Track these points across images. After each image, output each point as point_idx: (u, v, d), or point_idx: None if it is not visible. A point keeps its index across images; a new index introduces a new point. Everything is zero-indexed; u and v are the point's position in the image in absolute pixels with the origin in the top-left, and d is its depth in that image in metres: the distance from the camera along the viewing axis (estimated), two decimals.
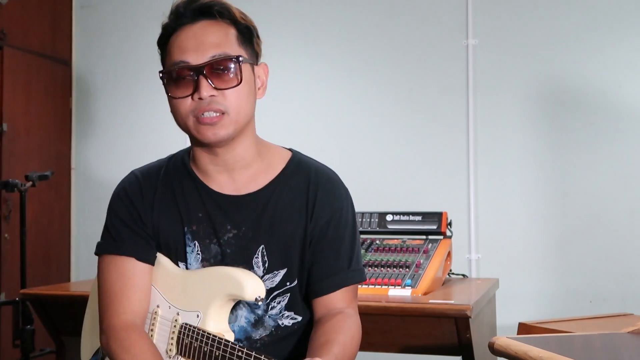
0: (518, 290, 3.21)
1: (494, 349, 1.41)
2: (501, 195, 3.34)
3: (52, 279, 3.85)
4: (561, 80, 3.29)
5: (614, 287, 3.15)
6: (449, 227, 2.59)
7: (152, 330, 1.44)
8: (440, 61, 3.46)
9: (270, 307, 1.45)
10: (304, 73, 3.64)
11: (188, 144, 1.53)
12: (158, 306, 1.46)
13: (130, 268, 1.44)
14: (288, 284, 1.44)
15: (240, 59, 1.36)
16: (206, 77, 1.34)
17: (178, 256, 1.47)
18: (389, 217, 2.60)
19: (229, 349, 1.30)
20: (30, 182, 3.07)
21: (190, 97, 1.36)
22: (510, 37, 3.36)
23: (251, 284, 1.35)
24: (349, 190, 1.55)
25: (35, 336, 2.81)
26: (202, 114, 1.35)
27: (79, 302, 2.31)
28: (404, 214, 2.61)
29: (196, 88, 1.35)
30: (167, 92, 1.40)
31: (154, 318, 1.45)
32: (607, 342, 1.50)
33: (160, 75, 1.39)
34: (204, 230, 1.45)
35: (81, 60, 4.14)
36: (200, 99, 1.35)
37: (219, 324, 1.39)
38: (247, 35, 1.41)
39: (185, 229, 1.45)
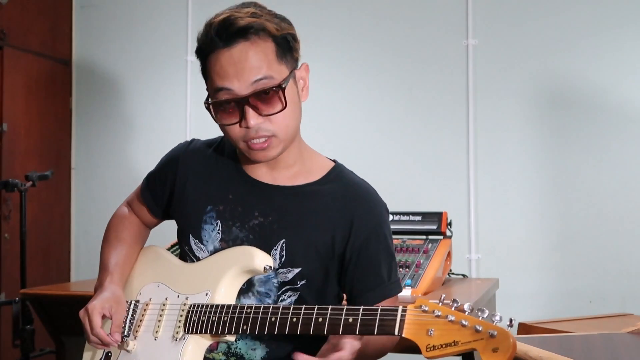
0: (518, 290, 3.20)
1: None
2: (501, 195, 3.33)
3: (52, 279, 3.84)
4: (561, 80, 3.29)
5: (614, 287, 3.15)
6: (449, 227, 2.59)
7: (159, 320, 1.45)
8: (440, 61, 3.45)
9: (280, 299, 1.47)
10: None
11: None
12: (166, 298, 1.48)
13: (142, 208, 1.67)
14: (299, 282, 1.46)
15: (283, 85, 1.36)
16: (252, 107, 1.36)
17: (193, 232, 1.52)
18: None
19: (237, 311, 1.34)
20: (30, 182, 3.07)
21: (238, 124, 1.38)
22: (510, 37, 3.36)
23: (260, 255, 1.41)
24: None
25: (35, 336, 2.81)
26: (252, 141, 1.39)
27: (79, 302, 2.30)
28: (404, 214, 2.61)
29: (242, 116, 1.37)
30: (214, 118, 1.41)
31: (162, 309, 1.47)
32: (607, 342, 1.50)
33: (206, 105, 1.40)
34: (230, 212, 1.49)
35: (81, 60, 4.13)
36: (247, 127, 1.37)
37: (227, 298, 1.41)
38: (286, 45, 1.40)
39: (210, 207, 1.50)
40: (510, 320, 1.11)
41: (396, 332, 1.17)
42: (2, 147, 3.61)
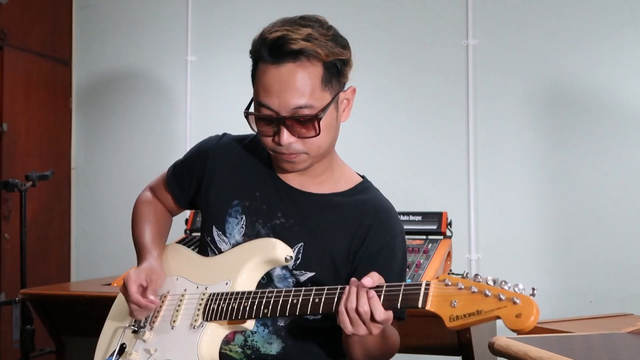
0: None
1: (494, 349, 1.40)
2: (501, 195, 3.33)
3: (52, 279, 3.84)
4: (561, 80, 3.29)
5: (614, 287, 3.14)
6: (449, 227, 2.59)
7: (177, 310, 1.46)
8: (440, 61, 3.45)
9: None
10: None
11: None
12: (185, 290, 1.49)
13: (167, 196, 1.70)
14: (310, 284, 1.47)
15: (320, 115, 1.39)
16: (287, 127, 1.39)
17: (217, 224, 1.55)
18: None
19: (257, 297, 1.36)
20: (30, 182, 3.07)
21: (271, 137, 1.42)
22: (510, 37, 3.36)
23: (281, 245, 1.43)
24: None
25: (35, 336, 2.81)
26: (283, 154, 1.43)
27: (79, 302, 2.31)
28: (404, 214, 2.61)
29: (277, 132, 1.40)
30: (250, 126, 1.45)
31: (181, 300, 1.47)
32: (607, 342, 1.50)
33: (245, 114, 1.43)
34: (255, 209, 1.52)
35: (81, 60, 4.14)
36: (280, 144, 1.41)
37: (247, 287, 1.42)
38: (334, 70, 1.42)
39: (236, 201, 1.54)
40: (533, 290, 1.13)
41: (420, 305, 1.19)
42: (2, 147, 3.61)
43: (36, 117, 3.86)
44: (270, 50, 1.38)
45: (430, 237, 2.53)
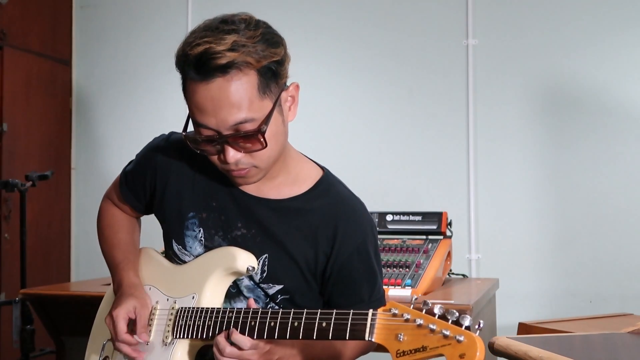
0: (518, 290, 3.21)
1: (494, 349, 1.40)
2: (501, 195, 3.33)
3: (52, 279, 3.84)
4: (561, 80, 3.29)
5: (614, 287, 3.15)
6: (449, 227, 2.59)
7: (150, 325, 1.46)
8: (440, 61, 3.46)
9: (268, 305, 1.47)
10: (304, 73, 3.63)
11: None
12: (157, 302, 1.48)
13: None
14: (280, 296, 1.45)
15: (263, 128, 1.29)
16: (230, 144, 1.30)
17: (176, 238, 1.49)
18: (389, 217, 2.60)
19: (220, 315, 1.34)
20: (30, 182, 3.07)
21: (217, 156, 1.34)
22: (510, 37, 3.36)
23: (243, 255, 1.40)
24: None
25: (35, 336, 2.81)
26: (232, 169, 1.35)
27: (79, 302, 2.31)
28: (404, 214, 2.61)
29: (221, 151, 1.32)
30: (190, 146, 1.36)
31: (153, 313, 1.47)
32: (607, 342, 1.50)
33: (183, 136, 1.35)
34: (213, 220, 1.46)
35: (81, 60, 4.13)
36: (226, 163, 1.33)
37: (213, 301, 1.42)
38: (270, 74, 1.30)
39: (192, 213, 1.47)
40: (479, 324, 1.09)
41: (367, 337, 1.16)
42: (2, 147, 3.61)
43: (36, 117, 3.86)
44: (196, 68, 1.26)
45: (430, 237, 2.53)
